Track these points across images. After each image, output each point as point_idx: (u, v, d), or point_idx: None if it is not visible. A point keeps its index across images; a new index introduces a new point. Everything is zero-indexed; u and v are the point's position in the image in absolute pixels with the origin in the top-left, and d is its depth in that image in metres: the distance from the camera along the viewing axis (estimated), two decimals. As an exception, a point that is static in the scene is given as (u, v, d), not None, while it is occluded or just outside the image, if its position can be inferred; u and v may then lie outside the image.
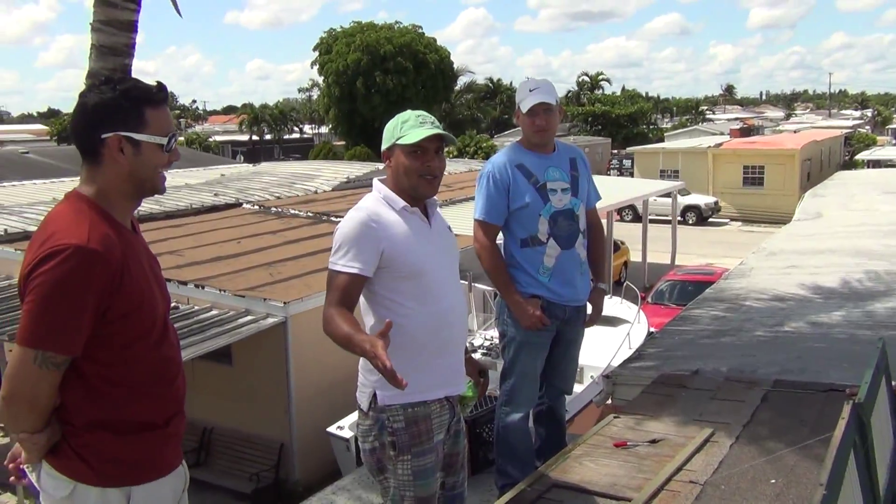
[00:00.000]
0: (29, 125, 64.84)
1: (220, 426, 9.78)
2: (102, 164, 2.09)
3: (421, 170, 2.69)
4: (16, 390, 1.98)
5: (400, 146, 2.69)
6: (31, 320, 1.94)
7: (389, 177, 2.76)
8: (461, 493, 2.92)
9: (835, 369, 4.81)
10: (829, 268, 8.99)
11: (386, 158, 2.75)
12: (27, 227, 11.78)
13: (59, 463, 2.07)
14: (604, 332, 9.05)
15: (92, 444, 2.06)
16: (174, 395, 2.22)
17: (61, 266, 1.92)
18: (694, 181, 30.29)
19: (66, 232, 1.97)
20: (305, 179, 18.16)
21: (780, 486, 3.00)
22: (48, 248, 1.94)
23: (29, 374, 1.96)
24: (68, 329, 1.96)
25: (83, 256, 1.94)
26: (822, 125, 55.25)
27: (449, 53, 44.53)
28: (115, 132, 2.06)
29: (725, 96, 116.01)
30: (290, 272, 10.17)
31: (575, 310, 3.78)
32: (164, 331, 2.19)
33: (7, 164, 23.55)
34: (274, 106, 61.73)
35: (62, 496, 2.08)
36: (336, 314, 2.54)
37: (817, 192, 19.24)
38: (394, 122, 2.74)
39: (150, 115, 2.09)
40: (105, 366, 2.04)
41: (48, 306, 1.93)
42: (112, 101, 2.06)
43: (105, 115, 2.06)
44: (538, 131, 3.67)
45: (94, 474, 2.06)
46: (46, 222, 2.07)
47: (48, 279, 1.92)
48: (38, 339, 1.94)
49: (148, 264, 2.20)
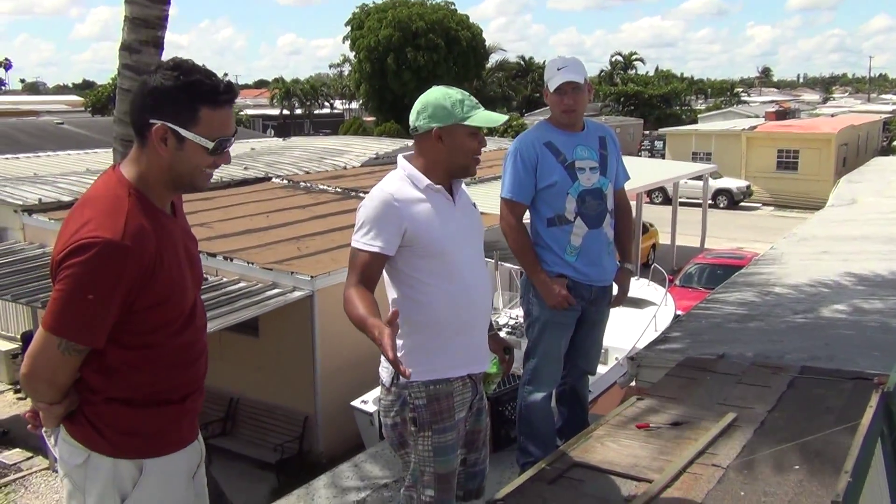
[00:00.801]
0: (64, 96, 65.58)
1: (247, 397, 9.92)
2: (147, 147, 2.06)
3: (476, 151, 2.71)
4: (37, 370, 2.02)
5: (464, 126, 2.66)
6: (58, 309, 1.95)
7: (428, 154, 2.70)
8: (482, 469, 2.92)
9: (864, 357, 4.74)
10: (863, 255, 8.84)
11: (437, 137, 2.66)
12: (61, 196, 11.97)
13: (75, 430, 2.10)
14: (630, 314, 9.01)
15: (107, 415, 2.08)
16: (193, 375, 2.22)
17: (92, 260, 1.91)
18: (726, 164, 29.88)
19: (100, 221, 1.95)
20: (335, 155, 18.21)
21: (804, 472, 2.96)
22: (81, 238, 1.92)
23: (51, 357, 1.99)
24: (94, 322, 1.96)
25: (115, 252, 1.92)
26: (861, 109, 54.08)
27: (481, 31, 44.24)
28: (163, 121, 2.01)
29: (762, 78, 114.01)
30: (317, 247, 10.24)
31: (601, 290, 3.76)
32: (191, 316, 2.17)
33: (42, 135, 23.85)
34: (305, 81, 61.76)
35: (76, 464, 2.11)
36: (354, 294, 2.53)
37: (853, 177, 18.90)
38: (447, 101, 2.65)
39: (204, 114, 2.02)
40: (127, 349, 2.05)
41: (75, 298, 1.93)
42: (170, 90, 2.00)
43: (158, 101, 2.01)
44: (566, 111, 3.63)
45: (107, 444, 2.08)
46: (84, 203, 2.05)
47: (77, 272, 1.91)
48: (63, 328, 1.96)
49: (184, 248, 2.18)
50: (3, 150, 19.16)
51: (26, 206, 11.45)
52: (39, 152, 19.29)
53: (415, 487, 2.70)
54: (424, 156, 2.71)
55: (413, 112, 2.72)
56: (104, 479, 2.09)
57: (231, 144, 2.12)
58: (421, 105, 2.69)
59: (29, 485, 8.98)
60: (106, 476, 2.09)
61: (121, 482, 2.10)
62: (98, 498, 2.10)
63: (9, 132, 23.32)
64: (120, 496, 2.10)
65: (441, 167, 2.70)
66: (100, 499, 2.10)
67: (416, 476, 2.69)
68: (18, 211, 11.43)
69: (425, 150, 2.71)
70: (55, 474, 9.11)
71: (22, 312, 11.62)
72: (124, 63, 5.22)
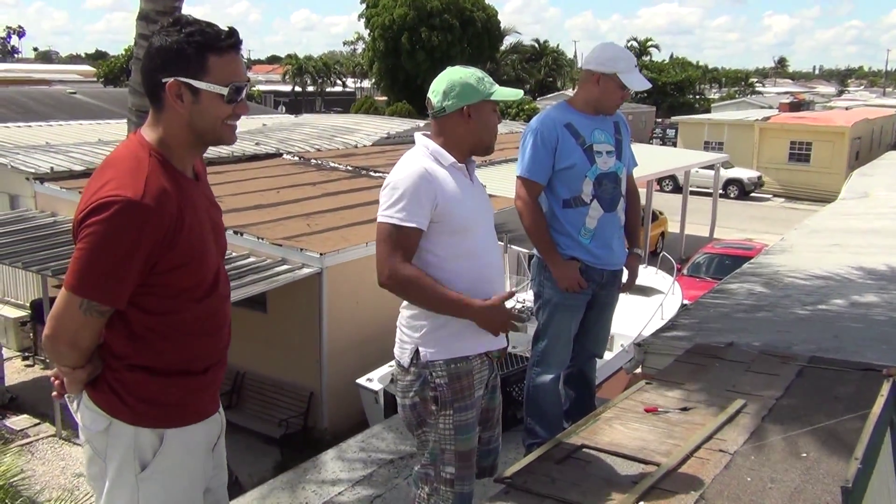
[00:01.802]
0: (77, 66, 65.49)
1: (253, 371, 9.98)
2: (164, 109, 2.04)
3: (496, 127, 2.78)
4: (59, 332, 2.01)
5: (489, 102, 2.72)
6: (79, 268, 1.95)
7: (454, 132, 2.71)
8: (496, 447, 2.95)
9: (872, 350, 4.74)
10: (873, 248, 8.82)
11: (467, 115, 2.69)
12: (73, 166, 12.01)
13: (98, 396, 2.10)
14: (636, 301, 9.01)
15: (129, 382, 2.08)
16: (217, 345, 2.22)
17: (112, 219, 1.90)
18: (739, 154, 29.74)
19: (121, 181, 1.94)
20: (346, 133, 18.19)
21: (812, 459, 2.98)
22: (102, 196, 1.92)
23: (73, 318, 1.99)
24: (114, 281, 1.96)
25: (135, 210, 1.91)
26: (876, 103, 53.63)
27: (496, 12, 43.99)
28: (174, 77, 2.00)
29: (777, 69, 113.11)
30: (327, 224, 10.26)
31: (612, 274, 3.77)
32: (215, 282, 2.17)
33: (55, 104, 23.88)
34: (318, 58, 61.59)
35: (98, 430, 2.11)
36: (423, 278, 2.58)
37: (865, 171, 18.80)
38: (471, 78, 2.69)
39: (213, 63, 2.01)
40: (150, 314, 2.05)
41: (96, 257, 1.93)
42: (175, 44, 1.99)
43: (167, 58, 2.00)
44: (617, 106, 3.68)
45: (129, 412, 2.08)
46: (105, 165, 2.05)
47: (99, 230, 1.91)
48: (85, 287, 1.96)
49: (207, 214, 2.17)
50: (16, 118, 19.22)
51: (38, 175, 11.49)
52: (52, 121, 19.32)
53: (433, 465, 2.72)
54: (448, 134, 2.73)
55: (437, 93, 2.72)
56: (125, 447, 2.10)
57: (245, 91, 2.11)
58: (447, 85, 2.70)
59: (35, 451, 9.07)
60: (127, 444, 2.10)
61: (141, 451, 2.11)
62: (119, 464, 2.11)
63: (21, 100, 23.36)
64: (140, 464, 2.11)
65: (467, 145, 2.73)
66: (120, 465, 2.11)
67: (436, 454, 2.70)
68: (30, 179, 11.47)
69: (451, 129, 2.72)
70: (62, 441, 9.21)
71: (32, 280, 11.69)
72: (141, 33, 5.21)
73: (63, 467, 8.71)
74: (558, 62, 56.63)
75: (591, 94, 3.64)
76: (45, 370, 11.22)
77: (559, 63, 56.42)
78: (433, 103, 2.73)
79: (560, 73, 56.65)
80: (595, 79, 3.61)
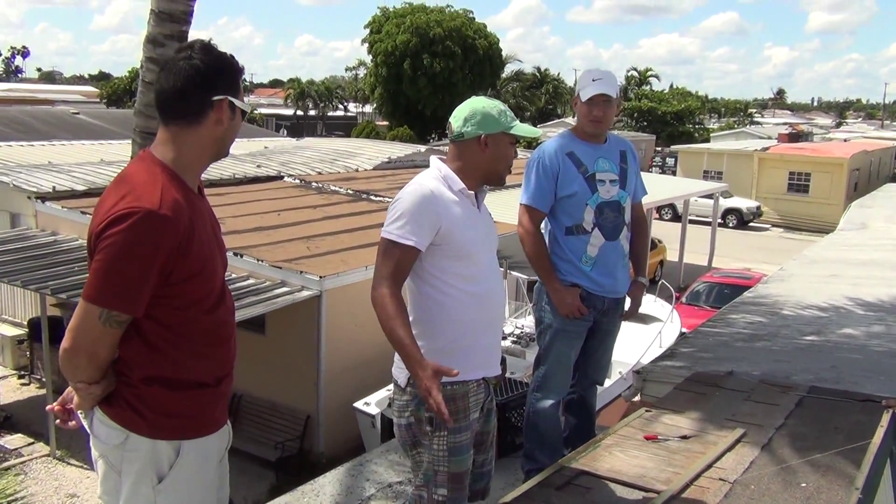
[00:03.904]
0: (80, 86, 65.91)
1: (250, 394, 9.93)
2: (202, 125, 2.14)
3: (511, 159, 2.83)
4: (78, 344, 2.04)
5: (508, 135, 2.77)
6: (99, 279, 2.00)
7: (470, 159, 2.76)
8: (489, 471, 2.96)
9: (870, 381, 4.75)
10: (872, 279, 8.85)
11: (483, 143, 2.74)
12: (75, 185, 12.05)
13: (113, 412, 2.13)
14: (635, 329, 9.00)
15: (146, 396, 2.11)
16: (226, 356, 2.27)
17: (133, 229, 1.97)
18: (738, 184, 29.91)
19: (139, 194, 2.01)
20: (347, 157, 18.26)
21: (811, 489, 2.97)
22: (121, 208, 1.99)
23: (92, 329, 2.02)
24: (134, 290, 2.01)
25: (154, 221, 1.98)
26: (874, 135, 53.99)
27: (498, 40, 44.38)
28: (225, 95, 2.14)
29: (776, 100, 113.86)
30: (327, 247, 10.27)
31: (614, 301, 3.78)
32: (222, 294, 2.23)
33: (58, 123, 23.97)
34: (320, 82, 61.97)
35: (115, 444, 2.14)
36: (391, 303, 2.57)
37: (864, 202, 18.90)
38: (493, 110, 2.75)
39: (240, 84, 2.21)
40: (164, 325, 2.09)
41: (117, 267, 1.98)
42: (223, 66, 2.15)
43: (219, 77, 2.14)
44: (594, 121, 3.66)
45: (146, 425, 2.12)
46: (120, 181, 2.11)
47: (119, 240, 1.97)
48: (105, 297, 2.00)
49: (212, 229, 2.25)
50: (19, 137, 19.30)
51: (40, 194, 11.52)
52: (54, 141, 19.40)
53: (426, 487, 2.72)
54: (464, 160, 2.77)
55: (458, 119, 2.78)
56: (142, 460, 2.12)
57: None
58: (469, 112, 2.76)
59: (29, 470, 9.01)
60: (144, 456, 2.12)
61: (158, 463, 2.14)
62: (135, 478, 2.13)
63: (24, 119, 23.45)
64: (157, 476, 2.14)
65: (480, 172, 2.78)
66: (137, 479, 2.13)
67: (429, 476, 2.71)
68: (32, 197, 11.49)
69: (466, 155, 2.77)
70: (56, 461, 9.15)
71: (31, 299, 11.68)
72: (148, 56, 5.26)
73: (57, 487, 8.65)
74: (559, 90, 57.03)
75: (579, 120, 3.74)
76: (40, 389, 11.18)
77: (559, 91, 56.81)
78: (453, 127, 2.79)
79: (560, 100, 57.01)
80: (574, 103, 3.76)
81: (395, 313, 2.55)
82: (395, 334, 2.54)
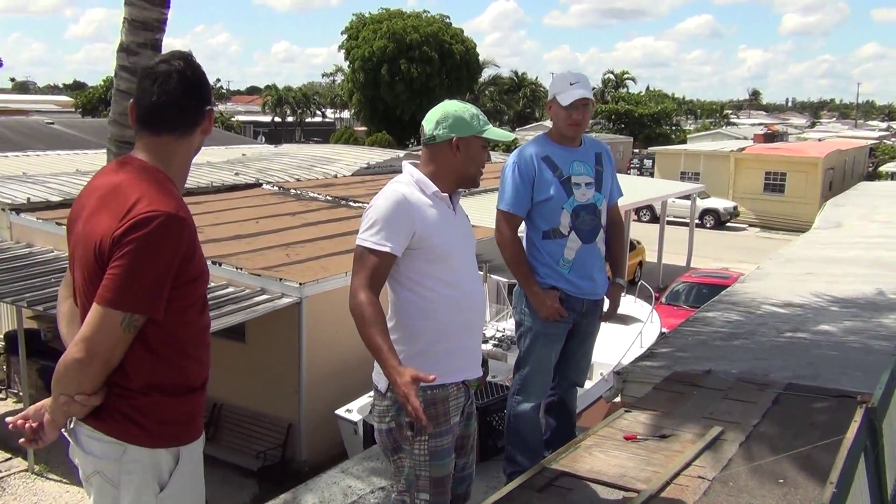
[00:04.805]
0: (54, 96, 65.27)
1: (230, 403, 9.87)
2: (192, 136, 2.20)
3: (484, 162, 2.85)
4: (94, 352, 2.01)
5: (480, 139, 2.79)
6: (122, 283, 1.98)
7: (442, 162, 2.78)
8: (470, 474, 2.97)
9: (847, 377, 4.81)
10: (847, 277, 8.95)
11: (455, 146, 2.75)
12: (50, 196, 11.92)
13: (107, 426, 2.10)
14: (615, 330, 9.05)
15: (143, 406, 2.10)
16: (208, 358, 2.29)
17: (156, 232, 1.98)
18: (714, 185, 30.15)
19: (153, 198, 2.03)
20: (325, 163, 18.21)
21: (789, 485, 3.01)
22: (140, 213, 1.99)
23: (112, 335, 2.00)
24: (157, 293, 2.02)
25: (174, 223, 2.02)
26: (848, 135, 54.67)
27: (475, 45, 44.51)
28: (209, 106, 2.22)
29: (751, 101, 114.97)
30: (307, 254, 10.24)
31: (592, 303, 3.80)
32: (205, 298, 2.26)
33: (32, 134, 23.71)
34: (297, 89, 61.80)
35: (112, 458, 2.11)
36: (368, 310, 2.57)
37: (839, 201, 19.10)
38: (466, 113, 2.77)
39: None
40: (164, 329, 2.09)
41: (142, 270, 1.99)
42: (204, 76, 2.20)
43: (207, 88, 2.21)
44: (573, 125, 3.67)
45: (145, 435, 2.10)
46: (122, 189, 2.08)
47: (143, 245, 1.98)
48: (128, 301, 1.99)
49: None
50: (-8, 149, 19.04)
51: (14, 205, 11.38)
52: (28, 151, 19.18)
53: (408, 492, 2.73)
54: (436, 163, 2.79)
55: (430, 122, 2.79)
56: (142, 471, 2.11)
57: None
58: (441, 115, 2.77)
59: (7, 486, 8.88)
60: (144, 467, 2.11)
61: (159, 471, 2.13)
62: (136, 490, 2.11)
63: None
64: (158, 485, 2.13)
65: (452, 175, 2.79)
66: (138, 491, 2.11)
67: (411, 481, 2.72)
68: (6, 209, 11.35)
69: (439, 158, 2.78)
70: (34, 476, 9.03)
71: (6, 312, 11.54)
72: (122, 65, 5.24)
73: (35, 502, 8.54)
74: (536, 94, 57.23)
75: (556, 124, 3.73)
76: (17, 403, 11.03)
77: (536, 95, 57.01)
78: (425, 130, 2.80)
79: (538, 104, 57.23)
80: (548, 107, 3.75)
81: (372, 320, 2.55)
82: (372, 341, 2.54)
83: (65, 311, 2.25)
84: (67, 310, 2.23)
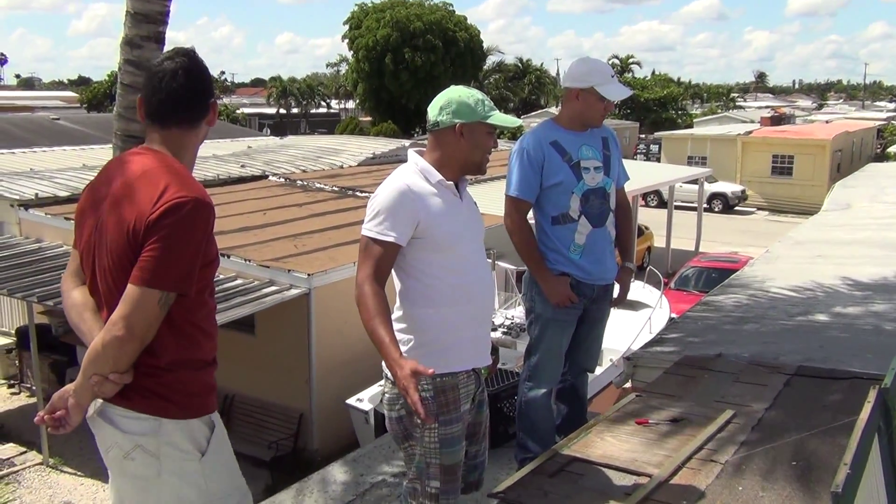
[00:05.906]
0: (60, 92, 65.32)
1: (242, 394, 9.93)
2: (200, 127, 2.35)
3: (490, 148, 2.83)
4: (134, 330, 2.11)
5: (485, 125, 2.76)
6: (160, 264, 2.10)
7: (446, 149, 2.76)
8: (482, 461, 2.97)
9: (858, 359, 4.79)
10: (857, 259, 8.91)
11: (459, 132, 2.73)
12: (57, 192, 11.96)
13: (138, 405, 2.20)
14: (625, 316, 9.04)
15: (172, 382, 2.22)
16: (217, 336, 2.39)
17: (189, 216, 2.12)
18: (722, 169, 30.00)
19: (181, 184, 2.16)
20: (331, 154, 18.21)
21: (801, 467, 3.00)
22: (171, 199, 2.12)
23: (150, 313, 2.12)
24: (191, 272, 2.16)
25: (203, 208, 2.17)
26: (855, 116, 54.32)
27: (479, 32, 44.26)
28: (213, 98, 2.36)
29: (757, 84, 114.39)
30: (314, 245, 10.25)
31: (603, 288, 3.79)
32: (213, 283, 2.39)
33: (38, 130, 23.77)
34: (302, 80, 61.75)
35: (150, 432, 2.20)
36: (371, 299, 2.57)
37: (847, 183, 19.00)
38: (470, 99, 2.74)
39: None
40: (187, 309, 2.21)
41: (178, 251, 2.12)
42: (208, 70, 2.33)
43: (210, 81, 2.34)
44: (602, 117, 3.69)
45: (177, 408, 2.22)
46: (149, 176, 2.18)
47: (178, 228, 2.11)
48: (167, 280, 2.11)
49: None
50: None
51: (22, 201, 11.43)
52: (35, 147, 19.22)
53: (419, 479, 2.73)
54: (441, 150, 2.77)
55: (434, 108, 2.77)
56: (181, 439, 2.22)
57: None
58: (445, 101, 2.75)
59: (23, 479, 8.96)
60: (182, 436, 2.22)
61: (197, 440, 2.25)
62: (177, 460, 2.22)
63: (4, 127, 23.24)
64: (199, 453, 2.25)
65: (457, 162, 2.77)
66: (180, 460, 2.22)
67: (421, 468, 2.72)
68: (15, 206, 11.40)
69: (443, 145, 2.76)
70: (49, 469, 9.10)
71: (17, 307, 11.60)
72: (126, 58, 5.22)
73: (51, 495, 8.61)
74: (541, 80, 57.07)
75: (575, 110, 3.67)
76: (30, 398, 11.11)
77: (542, 81, 56.86)
78: (429, 117, 2.79)
79: (543, 90, 57.08)
80: (574, 95, 3.66)
81: (376, 311, 2.55)
82: (375, 333, 2.54)
83: (77, 301, 2.30)
84: (80, 298, 2.29)
